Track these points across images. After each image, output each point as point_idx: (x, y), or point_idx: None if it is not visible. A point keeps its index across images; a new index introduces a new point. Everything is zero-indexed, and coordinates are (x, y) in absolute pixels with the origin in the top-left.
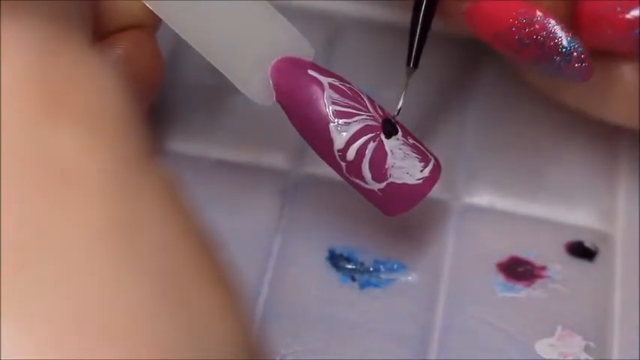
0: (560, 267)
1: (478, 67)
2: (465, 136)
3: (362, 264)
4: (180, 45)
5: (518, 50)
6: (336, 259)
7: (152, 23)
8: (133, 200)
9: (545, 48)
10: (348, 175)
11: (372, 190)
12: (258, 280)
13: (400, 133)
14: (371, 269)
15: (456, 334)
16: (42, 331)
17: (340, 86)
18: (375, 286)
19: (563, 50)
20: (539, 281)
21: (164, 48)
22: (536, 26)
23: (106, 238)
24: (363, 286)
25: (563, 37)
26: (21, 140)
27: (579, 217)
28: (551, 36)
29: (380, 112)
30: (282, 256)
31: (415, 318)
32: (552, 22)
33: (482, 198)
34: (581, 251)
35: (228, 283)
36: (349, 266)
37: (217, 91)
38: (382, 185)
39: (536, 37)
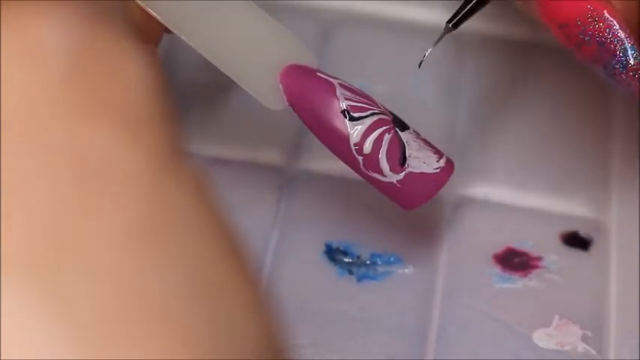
0: (555, 257)
1: (471, 60)
2: (457, 129)
3: (359, 257)
4: (174, 45)
5: (578, 46)
6: (333, 253)
7: (155, 38)
8: (163, 197)
9: (604, 49)
10: (365, 170)
11: (390, 183)
12: (256, 275)
13: (411, 128)
14: (368, 262)
15: (454, 326)
16: (81, 323)
17: (348, 85)
18: (373, 279)
19: (622, 55)
20: (535, 271)
21: (159, 48)
22: (601, 24)
23: (138, 234)
24: (360, 279)
25: (625, 42)
26: (56, 135)
27: (573, 207)
28: (613, 38)
29: (386, 108)
30: (279, 251)
31: (413, 310)
32: (618, 25)
33: (477, 190)
34: (576, 241)
35: (255, 280)
36: (346, 260)
37: (212, 89)
38: (400, 176)
39: (599, 35)
